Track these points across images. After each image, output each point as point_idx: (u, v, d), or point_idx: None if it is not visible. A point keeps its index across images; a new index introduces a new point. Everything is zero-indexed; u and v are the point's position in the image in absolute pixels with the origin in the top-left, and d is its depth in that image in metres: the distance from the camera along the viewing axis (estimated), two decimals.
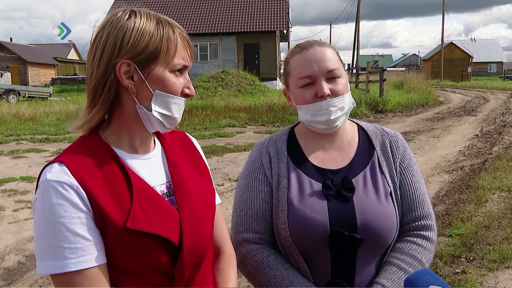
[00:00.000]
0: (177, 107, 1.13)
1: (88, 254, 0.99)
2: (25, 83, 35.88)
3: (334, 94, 1.38)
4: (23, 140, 10.95)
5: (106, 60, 1.06)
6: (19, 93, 23.31)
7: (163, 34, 1.08)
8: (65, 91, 30.20)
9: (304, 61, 1.40)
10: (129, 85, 1.08)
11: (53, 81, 36.27)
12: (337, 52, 1.45)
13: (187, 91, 1.14)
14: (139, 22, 1.07)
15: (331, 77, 1.39)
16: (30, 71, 38.99)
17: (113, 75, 1.07)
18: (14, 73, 36.29)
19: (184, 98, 1.15)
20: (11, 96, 22.56)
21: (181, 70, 1.12)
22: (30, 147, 9.95)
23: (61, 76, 38.77)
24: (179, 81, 1.12)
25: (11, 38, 51.96)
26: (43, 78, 39.90)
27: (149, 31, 1.07)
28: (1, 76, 29.51)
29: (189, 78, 1.16)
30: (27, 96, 23.62)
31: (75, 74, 43.30)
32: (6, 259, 4.01)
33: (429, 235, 1.40)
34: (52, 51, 51.72)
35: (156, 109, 1.10)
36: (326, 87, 1.37)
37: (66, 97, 24.01)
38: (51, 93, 24.81)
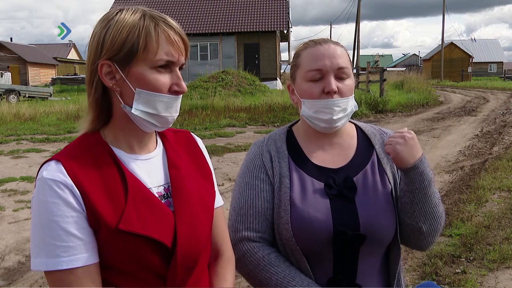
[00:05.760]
0: (164, 105, 1.09)
1: (80, 253, 0.99)
2: (25, 83, 35.88)
3: (340, 93, 1.38)
4: (23, 140, 10.93)
5: (92, 61, 1.07)
6: (19, 93, 23.27)
7: (142, 29, 1.04)
8: (65, 91, 30.17)
9: (317, 54, 1.40)
10: (111, 85, 1.07)
11: (53, 81, 36.26)
12: (348, 54, 1.46)
13: (175, 88, 1.09)
14: (121, 19, 1.05)
15: (340, 75, 1.39)
16: (30, 71, 38.99)
17: (98, 76, 1.07)
18: (14, 73, 36.29)
19: (173, 96, 1.10)
20: (11, 96, 22.53)
21: (166, 66, 1.08)
22: (30, 147, 9.93)
23: (61, 76, 38.73)
24: (164, 78, 1.07)
25: (11, 38, 51.90)
26: (43, 78, 39.91)
27: (128, 28, 1.04)
28: (1, 76, 29.48)
29: (179, 75, 1.11)
30: (27, 96, 23.58)
31: (75, 74, 43.27)
32: (6, 259, 4.01)
33: None
34: (52, 51, 51.73)
35: (139, 108, 1.07)
36: (334, 84, 1.37)
37: (66, 97, 23.99)
38: (51, 93, 24.77)
